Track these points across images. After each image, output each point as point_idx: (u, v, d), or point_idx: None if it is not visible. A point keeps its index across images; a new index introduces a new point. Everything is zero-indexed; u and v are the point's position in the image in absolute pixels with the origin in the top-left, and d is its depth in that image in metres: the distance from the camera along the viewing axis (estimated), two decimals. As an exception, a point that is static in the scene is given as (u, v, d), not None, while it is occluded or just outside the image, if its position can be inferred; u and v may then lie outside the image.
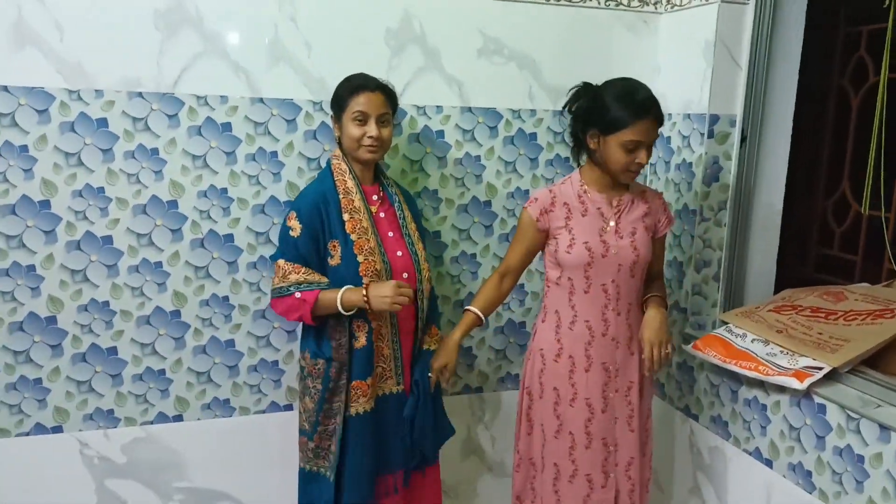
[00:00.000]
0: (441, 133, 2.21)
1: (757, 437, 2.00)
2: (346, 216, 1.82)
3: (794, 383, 1.80)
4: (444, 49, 2.16)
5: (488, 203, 2.31)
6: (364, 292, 1.76)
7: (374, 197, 1.91)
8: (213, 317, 2.08)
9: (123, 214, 1.96)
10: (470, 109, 2.23)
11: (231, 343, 2.11)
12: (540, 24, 2.24)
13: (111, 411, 2.05)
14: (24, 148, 1.85)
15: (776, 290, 2.30)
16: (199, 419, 2.12)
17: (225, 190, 2.03)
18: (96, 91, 1.88)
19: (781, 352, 1.91)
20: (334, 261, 1.82)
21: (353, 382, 1.83)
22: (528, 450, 2.01)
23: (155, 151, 1.95)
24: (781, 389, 1.89)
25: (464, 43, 2.18)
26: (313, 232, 1.80)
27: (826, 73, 2.53)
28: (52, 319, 1.95)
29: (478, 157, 2.27)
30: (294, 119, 2.05)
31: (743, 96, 2.14)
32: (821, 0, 2.19)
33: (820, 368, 1.80)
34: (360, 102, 1.80)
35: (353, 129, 1.81)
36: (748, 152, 2.16)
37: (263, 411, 2.18)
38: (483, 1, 2.17)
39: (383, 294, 1.76)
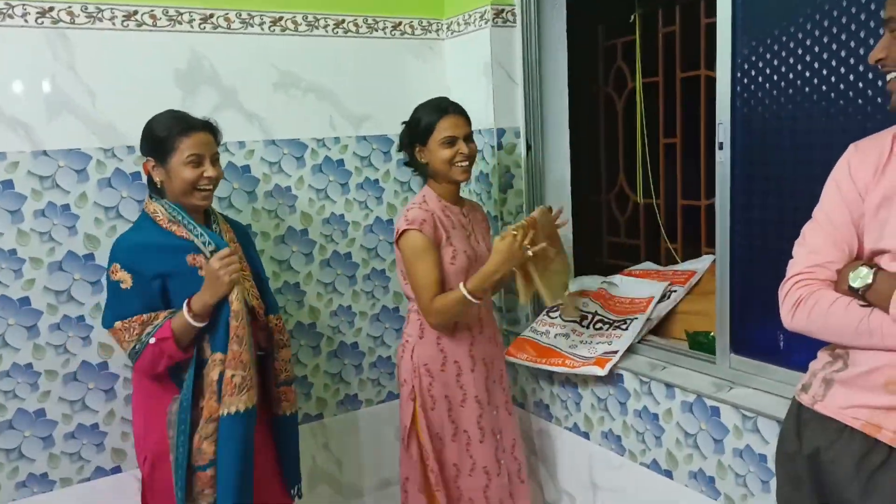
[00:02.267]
0: (247, 168, 2.23)
1: (574, 413, 2.21)
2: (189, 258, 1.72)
3: (597, 370, 2.01)
4: (239, 86, 2.18)
5: (305, 231, 2.35)
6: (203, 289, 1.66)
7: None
8: (17, 387, 1.94)
9: None
10: (273, 142, 2.26)
11: (41, 412, 1.98)
12: (333, 55, 2.33)
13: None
14: None
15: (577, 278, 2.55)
16: (13, 500, 1.96)
17: (14, 251, 1.91)
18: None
19: (581, 342, 2.14)
20: (203, 271, 1.69)
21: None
22: (436, 460, 1.99)
23: None
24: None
25: (259, 78, 2.21)
26: (144, 274, 1.67)
27: (593, 82, 2.85)
28: None
29: (288, 188, 2.30)
30: (84, 168, 1.97)
31: (523, 109, 2.36)
32: (579, 19, 2.47)
33: (615, 351, 2.03)
34: (192, 144, 1.69)
35: (186, 173, 1.69)
36: (534, 159, 2.38)
37: (88, 479, 2.05)
38: (272, 37, 2.22)
39: (211, 272, 1.64)
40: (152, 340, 1.65)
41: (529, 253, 1.81)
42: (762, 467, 1.65)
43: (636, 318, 2.09)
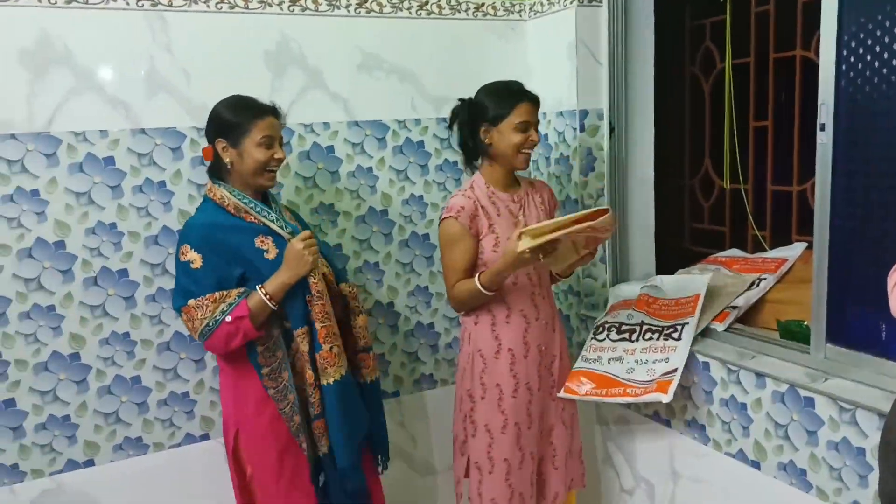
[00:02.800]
0: (331, 148, 2.26)
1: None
2: (257, 240, 1.79)
3: (662, 397, 1.90)
4: (325, 67, 2.21)
5: (385, 212, 2.38)
6: (281, 270, 1.74)
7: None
8: (116, 355, 2.05)
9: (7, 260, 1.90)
10: (357, 123, 2.29)
11: (137, 379, 2.07)
12: (415, 37, 2.34)
13: (15, 465, 1.96)
14: None
15: (657, 265, 2.49)
16: (111, 461, 2.07)
17: (114, 224, 2.00)
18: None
19: (637, 362, 2.04)
20: (270, 255, 1.79)
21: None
22: (473, 453, 2.01)
23: (35, 192, 1.90)
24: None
25: (343, 60, 2.25)
26: (214, 256, 1.74)
27: (679, 64, 2.77)
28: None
29: (369, 169, 2.33)
30: (179, 147, 2.05)
31: (607, 91, 2.32)
32: (667, -2, 2.41)
33: (674, 370, 1.94)
34: (265, 127, 1.77)
35: (259, 154, 1.76)
36: (617, 142, 2.34)
37: (179, 444, 2.15)
38: (357, 19, 2.24)
39: (295, 253, 1.73)
40: (228, 319, 1.70)
41: (540, 258, 1.76)
42: (860, 461, 1.58)
43: (687, 323, 2.02)
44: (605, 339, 2.17)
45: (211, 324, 1.71)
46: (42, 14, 1.86)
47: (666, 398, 1.89)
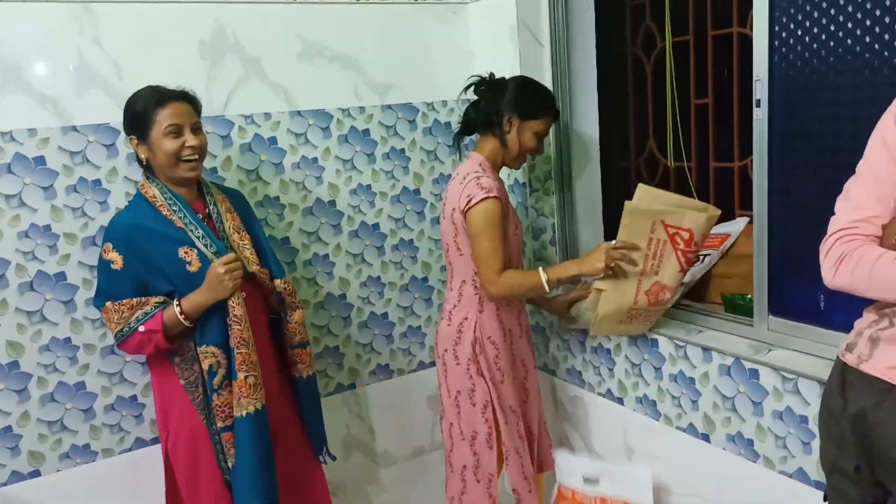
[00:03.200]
0: (273, 139, 2.22)
1: (607, 379, 2.19)
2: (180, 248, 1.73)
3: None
4: (263, 56, 2.16)
5: (332, 202, 2.35)
6: (200, 290, 1.70)
7: (199, 216, 1.81)
8: (57, 361, 1.98)
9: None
10: (299, 113, 2.25)
11: (82, 385, 2.01)
12: (356, 24, 2.30)
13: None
14: None
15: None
16: (58, 470, 2.00)
17: (48, 226, 1.93)
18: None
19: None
20: (192, 267, 1.72)
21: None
22: (511, 440, 1.99)
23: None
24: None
25: (283, 48, 2.19)
26: (135, 261, 1.70)
27: (620, 44, 2.78)
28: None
29: (314, 159, 2.29)
30: (113, 143, 1.98)
31: (550, 73, 2.31)
32: (606, -23, 2.41)
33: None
34: (169, 115, 1.69)
35: (168, 145, 1.69)
36: (562, 124, 2.34)
37: (129, 449, 2.09)
38: (295, 6, 2.19)
39: (216, 276, 1.68)
40: (142, 328, 1.69)
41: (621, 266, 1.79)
42: (803, 429, 1.63)
43: (709, 254, 2.09)
44: None
45: (125, 329, 1.70)
46: (-43, 8, 1.77)
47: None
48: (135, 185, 2.01)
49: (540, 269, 1.85)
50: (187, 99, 1.75)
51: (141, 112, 1.70)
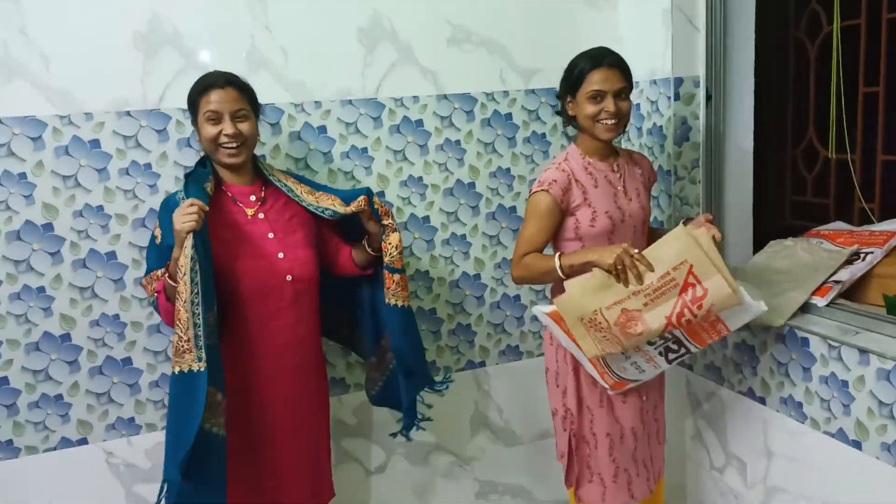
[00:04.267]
0: (420, 122, 2.30)
1: (748, 377, 2.10)
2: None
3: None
4: (415, 42, 2.25)
5: (472, 185, 2.40)
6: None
7: (252, 198, 1.83)
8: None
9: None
10: (445, 96, 2.32)
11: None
12: (504, 9, 2.33)
13: (132, 419, 2.13)
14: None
15: (755, 240, 2.40)
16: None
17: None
18: (86, 114, 1.97)
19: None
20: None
21: None
22: (580, 428, 1.97)
23: (148, 166, 2.04)
24: (766, 329, 1.99)
25: (433, 34, 2.27)
26: (167, 235, 1.71)
27: (782, 27, 2.63)
28: (66, 336, 2.05)
29: (457, 141, 2.36)
30: (278, 122, 2.14)
31: (704, 57, 2.23)
32: (769, -42, 2.29)
33: (839, 281, 1.94)
34: (210, 101, 1.72)
35: (205, 130, 1.74)
36: (714, 110, 2.26)
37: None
38: (446, -8, 2.26)
39: (176, 214, 1.61)
40: (155, 295, 1.75)
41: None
42: (974, 444, 1.49)
43: (871, 252, 1.96)
44: None
45: (152, 300, 1.78)
46: (153, -3, 1.98)
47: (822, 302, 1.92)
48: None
49: (557, 255, 1.80)
50: (235, 85, 1.76)
51: (191, 97, 1.78)
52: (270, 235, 1.81)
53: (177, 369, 1.59)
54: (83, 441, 2.10)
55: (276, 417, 1.82)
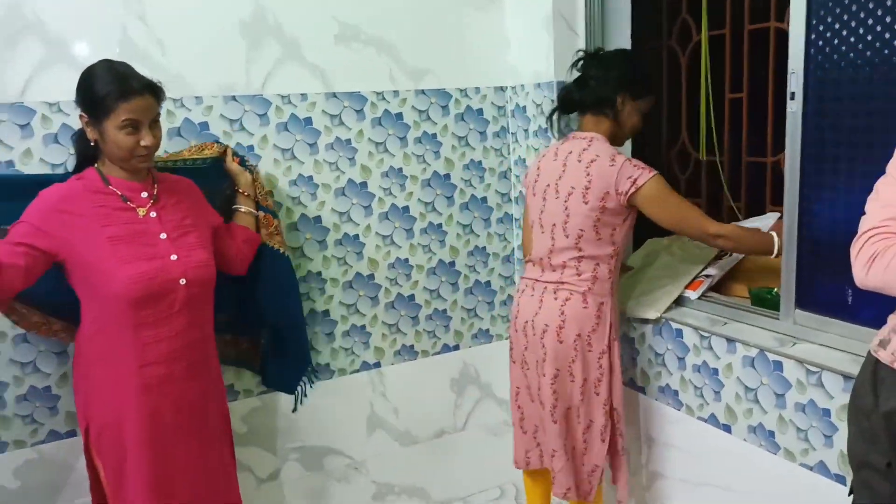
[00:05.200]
0: (309, 120, 2.26)
1: (629, 368, 2.21)
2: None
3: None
4: (302, 38, 2.20)
5: (364, 184, 2.39)
6: None
7: (143, 194, 1.72)
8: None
9: None
10: (335, 95, 2.29)
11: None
12: (394, 8, 2.33)
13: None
14: None
15: (636, 239, 2.52)
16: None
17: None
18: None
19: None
20: None
21: None
22: (614, 427, 2.00)
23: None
24: (644, 322, 2.10)
25: (321, 31, 2.23)
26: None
27: (656, 36, 2.78)
28: None
29: (348, 140, 2.33)
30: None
31: (584, 62, 2.32)
32: (644, -31, 2.41)
33: (709, 276, 2.11)
34: (129, 109, 1.58)
35: (122, 139, 1.60)
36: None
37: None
38: (334, -11, 2.23)
39: None
40: None
41: None
42: (825, 422, 1.63)
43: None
44: None
45: None
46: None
47: (694, 294, 2.05)
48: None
49: (773, 234, 1.89)
50: (152, 91, 1.64)
51: (101, 97, 1.58)
52: (163, 236, 1.71)
53: None
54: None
55: (166, 428, 1.73)
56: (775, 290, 1.89)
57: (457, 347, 2.62)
